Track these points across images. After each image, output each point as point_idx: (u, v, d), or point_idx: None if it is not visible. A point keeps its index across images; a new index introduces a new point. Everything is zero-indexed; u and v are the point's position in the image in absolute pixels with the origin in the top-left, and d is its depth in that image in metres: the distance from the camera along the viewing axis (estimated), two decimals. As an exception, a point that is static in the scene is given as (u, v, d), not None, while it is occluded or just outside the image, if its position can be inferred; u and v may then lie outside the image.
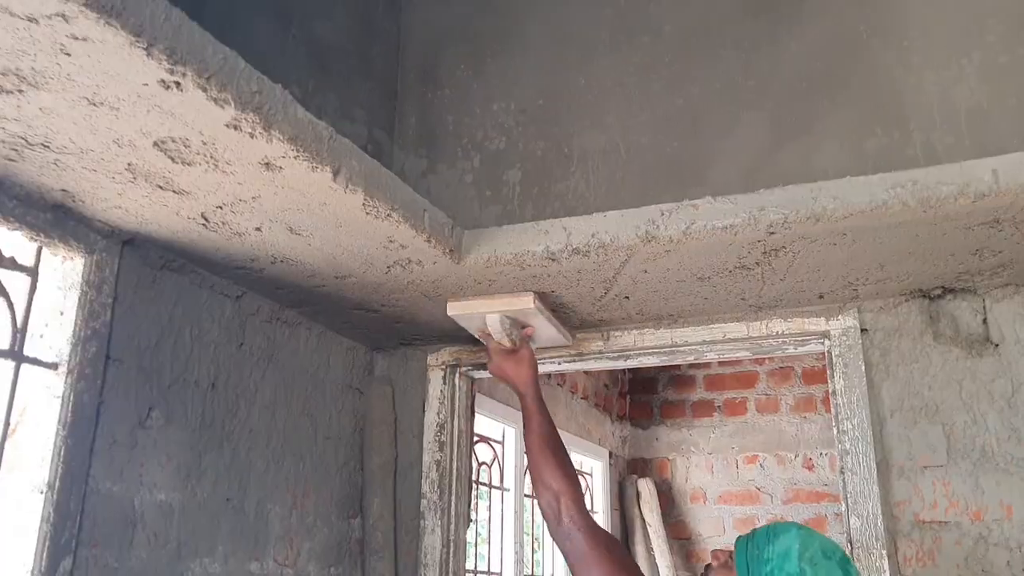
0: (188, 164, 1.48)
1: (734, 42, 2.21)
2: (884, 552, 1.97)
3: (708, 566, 1.69)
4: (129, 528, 1.72)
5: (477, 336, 2.25)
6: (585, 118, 2.32)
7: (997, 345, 2.04)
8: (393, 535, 2.44)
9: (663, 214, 1.84)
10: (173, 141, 1.41)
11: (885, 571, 1.96)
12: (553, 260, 1.94)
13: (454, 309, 2.16)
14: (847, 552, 1.57)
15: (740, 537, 1.63)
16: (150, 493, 1.78)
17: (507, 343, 2.15)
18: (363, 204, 1.62)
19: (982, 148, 1.88)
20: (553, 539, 1.85)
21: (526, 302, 2.11)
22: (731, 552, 1.64)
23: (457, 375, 2.57)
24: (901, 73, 2.03)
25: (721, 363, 4.88)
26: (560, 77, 2.38)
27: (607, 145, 2.29)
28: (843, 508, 2.07)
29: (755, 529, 1.63)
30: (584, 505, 1.85)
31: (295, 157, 1.46)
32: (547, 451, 1.92)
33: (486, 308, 2.14)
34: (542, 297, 2.16)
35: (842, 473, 2.07)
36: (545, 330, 2.27)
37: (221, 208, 1.66)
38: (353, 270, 1.98)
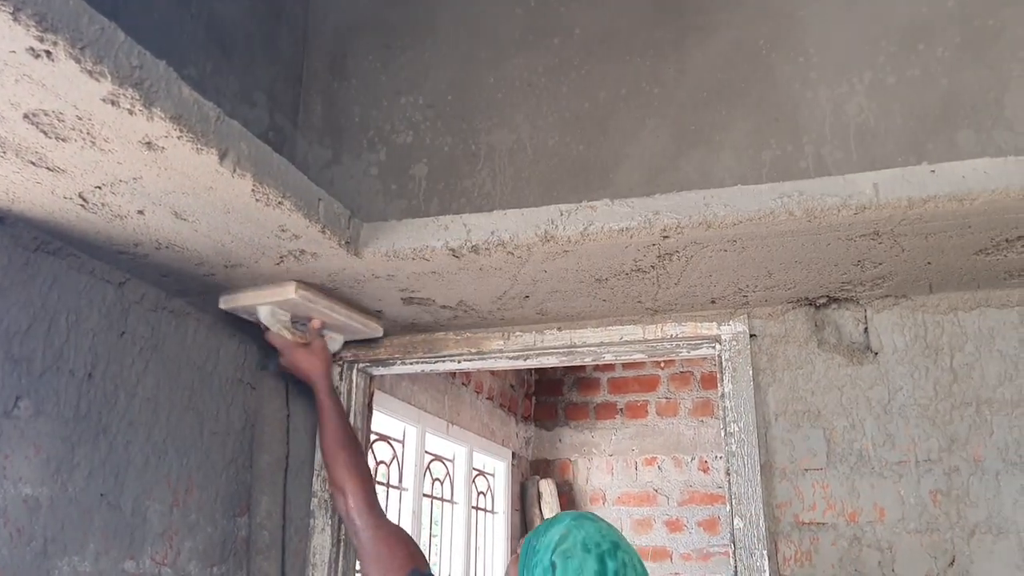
0: (63, 140, 1.40)
1: (642, 49, 2.23)
2: (764, 553, 2.03)
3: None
4: (-12, 524, 1.62)
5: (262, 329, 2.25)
6: (494, 116, 2.31)
7: (876, 353, 2.13)
8: (281, 534, 2.37)
9: (562, 214, 1.84)
10: (46, 114, 1.33)
11: (765, 571, 2.01)
12: (454, 256, 1.92)
13: (226, 303, 2.16)
14: (625, 542, 1.52)
15: (529, 533, 1.63)
16: (14, 487, 1.68)
17: (287, 335, 2.18)
18: (252, 190, 1.57)
19: (869, 163, 1.96)
20: (349, 536, 1.85)
21: (288, 292, 2.09)
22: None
23: (355, 371, 2.53)
24: (798, 87, 2.09)
25: (625, 366, 4.96)
26: (470, 74, 2.36)
27: (515, 144, 2.28)
28: (727, 509, 2.11)
29: (548, 519, 1.61)
30: (375, 502, 1.86)
31: (178, 137, 1.40)
32: (336, 447, 1.92)
33: (255, 300, 2.13)
34: (310, 287, 2.12)
35: (728, 475, 2.12)
36: (339, 321, 2.27)
37: (100, 188, 1.58)
38: (244, 259, 1.92)
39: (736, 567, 2.03)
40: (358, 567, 2.55)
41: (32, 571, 1.71)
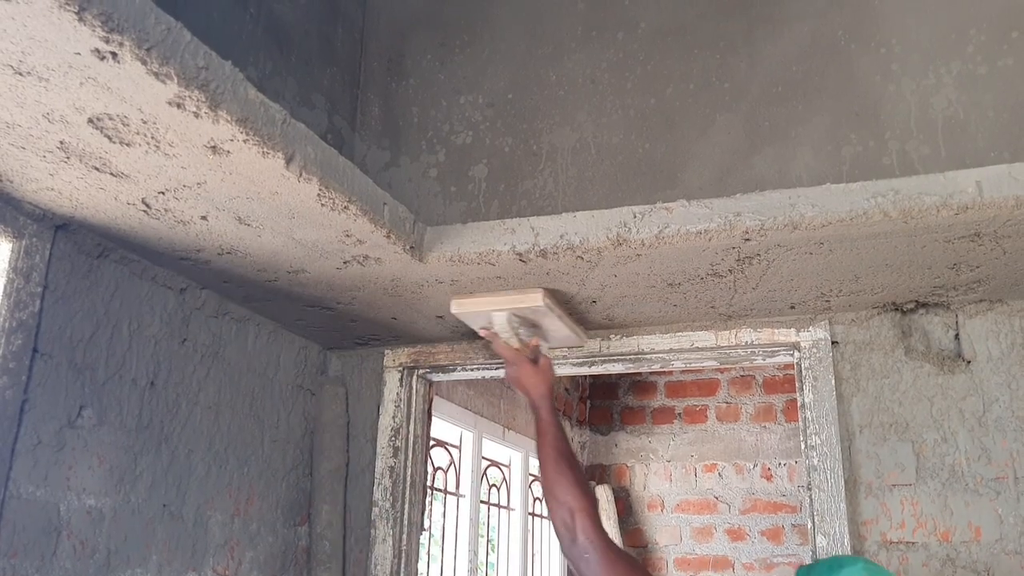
0: (127, 144, 1.36)
1: (710, 42, 2.14)
2: (850, 572, 1.91)
3: None
4: (53, 536, 1.59)
5: (482, 335, 2.13)
6: (555, 115, 2.24)
7: (969, 362, 2.00)
8: (342, 544, 2.33)
9: (635, 216, 1.76)
10: (110, 118, 1.29)
11: (851, 592, 1.89)
12: (521, 260, 1.85)
13: (459, 307, 2.05)
14: None
15: (800, 568, 1.53)
16: (78, 498, 1.65)
17: (515, 343, 2.05)
18: (318, 194, 1.52)
19: (959, 160, 1.84)
20: (567, 557, 1.72)
21: (535, 299, 1.99)
22: None
23: (414, 377, 2.47)
24: (879, 80, 1.98)
25: (683, 370, 4.84)
26: (530, 71, 2.29)
27: (577, 143, 2.20)
28: (809, 525, 2.01)
29: (816, 560, 1.53)
30: (600, 522, 1.72)
31: (244, 141, 1.35)
32: (562, 465, 1.77)
33: (493, 306, 2.02)
34: (552, 294, 2.04)
35: (809, 489, 2.01)
36: (557, 330, 2.17)
37: (163, 194, 1.54)
38: (306, 264, 1.87)
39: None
40: (422, 571, 2.50)
41: (96, 584, 1.68)
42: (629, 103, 2.18)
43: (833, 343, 2.10)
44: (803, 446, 2.04)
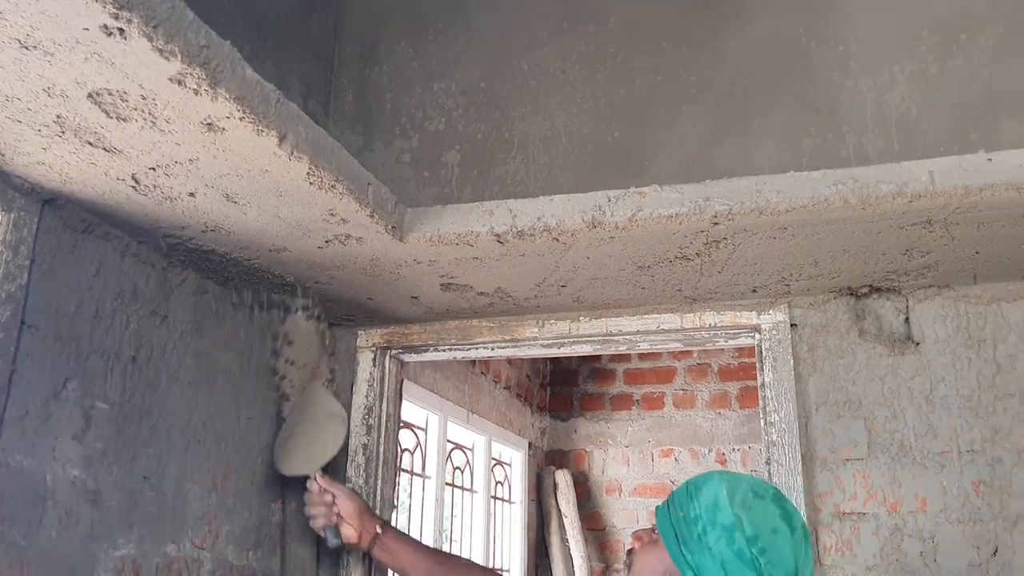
0: (123, 120, 1.40)
1: (678, 36, 2.22)
2: (805, 541, 2.02)
3: (630, 551, 1.58)
4: (39, 504, 1.62)
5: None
6: (527, 103, 2.30)
7: (918, 344, 2.12)
8: (316, 519, 2.37)
9: (610, 200, 1.84)
10: (110, 94, 1.32)
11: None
12: (499, 242, 1.91)
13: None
14: (778, 488, 1.51)
15: (658, 506, 1.53)
16: (63, 468, 1.68)
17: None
18: (308, 173, 1.57)
19: (911, 153, 1.95)
20: None
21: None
22: (652, 527, 1.54)
23: (387, 357, 2.52)
24: (837, 77, 2.08)
25: (641, 358, 4.96)
26: (503, 60, 2.35)
27: (549, 132, 2.27)
28: (767, 498, 2.11)
29: (672, 493, 1.52)
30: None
31: (240, 119, 1.39)
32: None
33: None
34: None
35: (768, 464, 2.12)
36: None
37: (154, 170, 1.57)
38: (289, 243, 1.91)
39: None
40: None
41: (79, 553, 1.70)
42: (599, 94, 2.25)
43: (792, 326, 2.21)
44: (762, 423, 2.15)
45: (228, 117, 1.39)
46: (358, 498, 2.02)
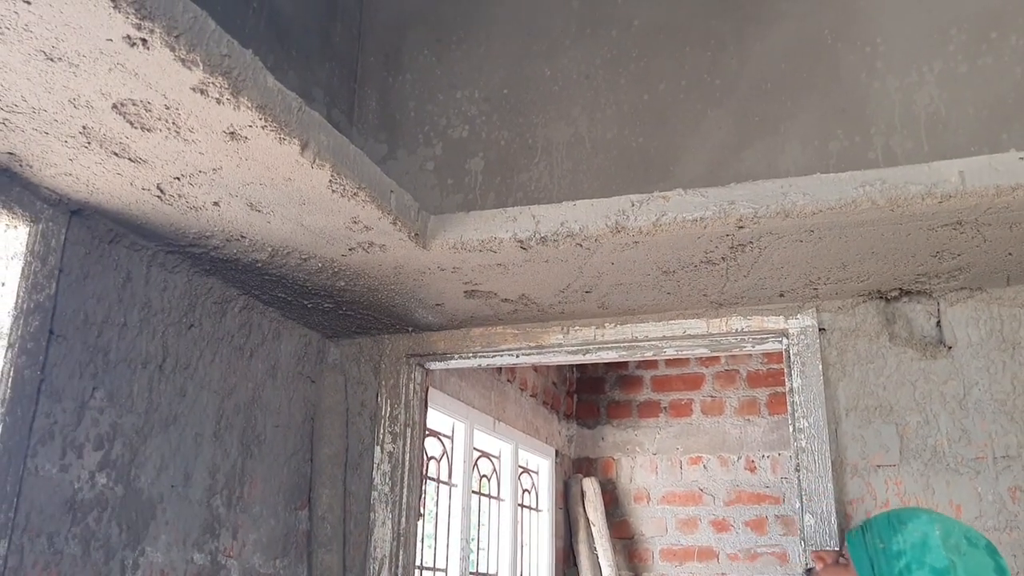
0: (148, 130, 1.41)
1: (701, 39, 2.21)
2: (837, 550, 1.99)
3: (810, 570, 1.53)
4: (68, 513, 1.63)
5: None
6: (550, 109, 2.30)
7: (950, 348, 2.08)
8: (342, 527, 2.38)
9: (633, 205, 1.82)
10: (134, 104, 1.33)
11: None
12: (522, 248, 1.91)
13: None
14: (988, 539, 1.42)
15: (851, 531, 1.47)
16: (91, 477, 1.69)
17: None
18: (330, 181, 1.57)
19: (940, 154, 1.92)
20: None
21: None
22: (838, 551, 1.48)
23: (412, 365, 2.52)
24: (864, 78, 2.05)
25: (668, 364, 4.92)
26: (526, 67, 2.35)
27: (572, 137, 2.26)
28: (797, 506, 2.08)
29: (868, 520, 1.46)
30: None
31: (263, 127, 1.40)
32: None
33: None
34: None
35: (797, 471, 2.08)
36: None
37: (179, 179, 1.58)
38: (313, 251, 1.92)
39: (808, 564, 2.00)
40: (418, 561, 2.55)
41: (107, 561, 1.72)
42: (623, 98, 2.24)
43: (820, 330, 2.17)
44: (791, 429, 2.12)
45: (250, 126, 1.40)
46: None
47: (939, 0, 2.04)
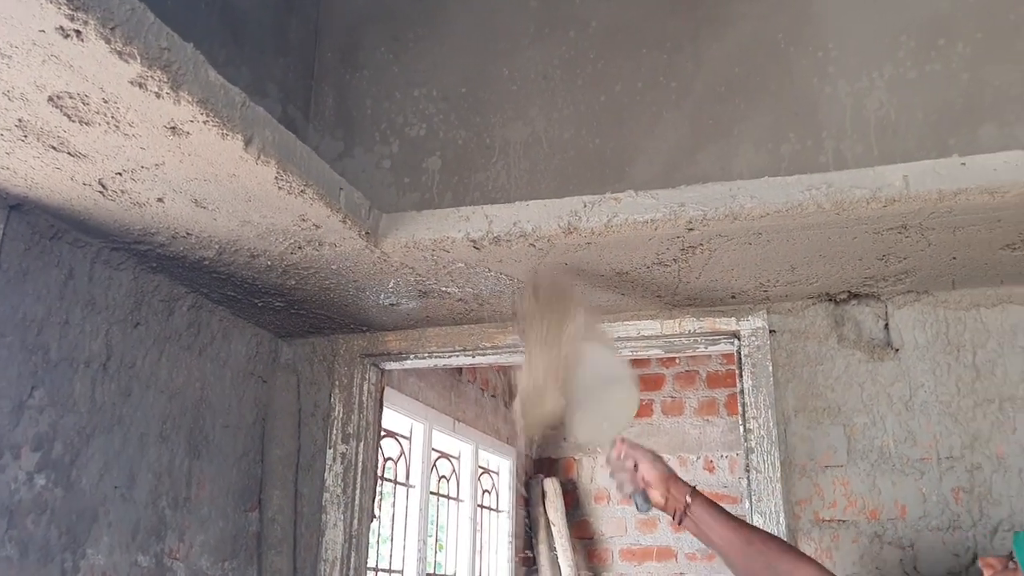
0: (86, 124, 1.38)
1: (658, 41, 2.21)
2: (785, 549, 2.01)
3: None
4: (4, 516, 1.59)
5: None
6: (508, 109, 2.29)
7: (897, 350, 2.11)
8: (293, 529, 2.35)
9: (586, 205, 1.82)
10: (71, 97, 1.31)
11: (785, 567, 1.99)
12: (475, 247, 1.90)
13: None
14: None
15: (1019, 532, 1.45)
16: (30, 479, 1.65)
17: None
18: (276, 177, 1.55)
19: (889, 158, 1.94)
20: None
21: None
22: (1009, 555, 1.46)
23: (366, 366, 2.50)
24: (817, 82, 2.07)
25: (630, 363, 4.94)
26: (484, 66, 2.34)
27: (530, 137, 2.26)
28: (747, 506, 2.10)
29: None
30: (780, 544, 1.56)
31: (204, 122, 1.38)
32: (752, 553, 1.52)
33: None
34: None
35: (747, 471, 2.10)
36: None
37: (121, 175, 1.55)
38: (261, 249, 1.89)
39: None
40: (370, 563, 2.53)
41: (44, 564, 1.68)
42: (580, 99, 2.24)
43: (771, 331, 2.19)
44: (741, 430, 2.13)
45: (192, 121, 1.37)
46: (662, 463, 1.72)
47: (890, 7, 2.06)
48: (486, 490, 4.37)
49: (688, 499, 1.63)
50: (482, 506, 4.27)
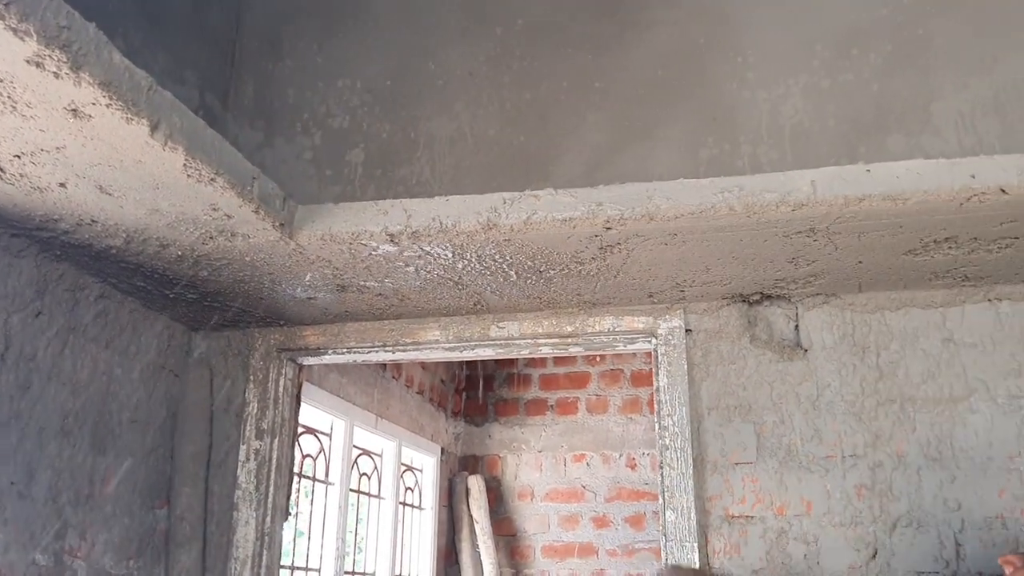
0: (-21, 103, 1.32)
1: (584, 42, 2.23)
2: (695, 545, 2.05)
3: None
4: None
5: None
6: (433, 104, 2.28)
7: (806, 350, 2.17)
8: (203, 527, 2.29)
9: (505, 202, 1.83)
10: (-39, 74, 1.24)
11: (695, 563, 2.03)
12: (393, 242, 1.88)
13: None
14: None
15: None
16: (-85, 474, 1.58)
17: None
18: (184, 165, 1.51)
19: (803, 163, 1.99)
20: None
21: None
22: None
23: (283, 360, 2.46)
24: (735, 87, 2.11)
25: (556, 362, 4.97)
26: (410, 60, 2.32)
27: (455, 133, 2.25)
28: (660, 502, 2.13)
29: None
30: None
31: (108, 105, 1.33)
32: None
33: None
34: None
35: (661, 468, 2.13)
36: None
37: (19, 157, 1.49)
38: (172, 238, 1.84)
39: (667, 560, 2.05)
40: (287, 561, 2.49)
41: (-68, 564, 1.60)
42: (506, 96, 2.24)
43: (687, 331, 2.23)
44: (657, 427, 2.17)
45: (94, 103, 1.32)
46: None
47: (806, 16, 2.12)
48: (409, 487, 4.34)
49: None
50: (405, 503, 4.24)
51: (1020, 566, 1.51)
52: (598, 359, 4.90)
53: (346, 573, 3.46)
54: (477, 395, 5.07)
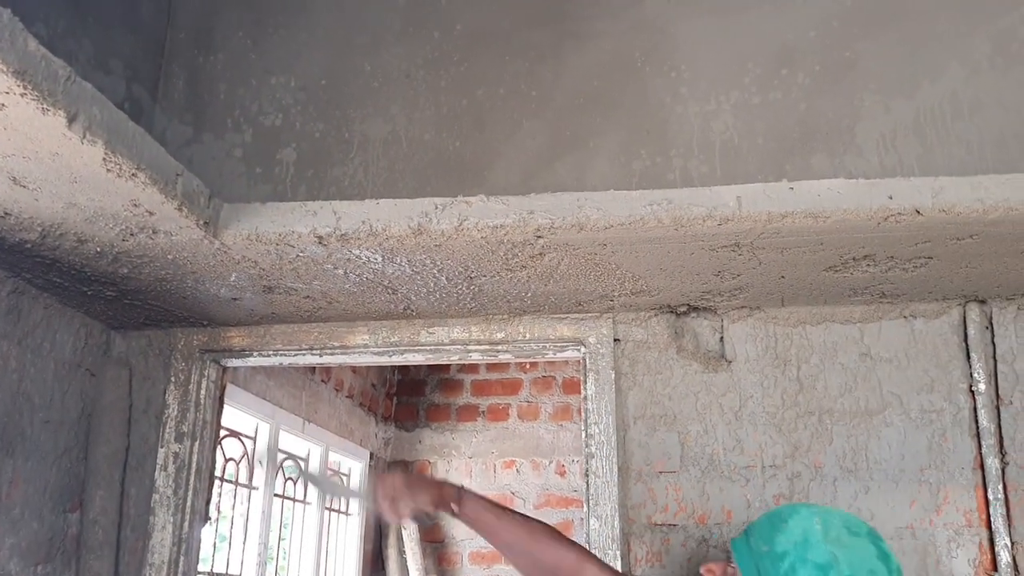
0: None
1: (521, 50, 2.24)
2: (618, 552, 2.07)
3: None
4: None
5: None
6: (369, 105, 2.25)
7: (731, 362, 2.21)
8: (116, 531, 2.22)
9: (437, 207, 1.82)
10: None
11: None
12: (321, 244, 1.85)
13: None
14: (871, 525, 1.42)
15: (736, 539, 1.46)
16: None
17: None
18: (104, 159, 1.46)
19: (732, 179, 2.03)
20: None
21: None
22: (726, 561, 1.46)
23: (206, 362, 2.40)
24: (669, 101, 2.15)
25: (489, 368, 4.97)
26: (346, 59, 2.29)
27: (390, 135, 2.23)
28: (585, 510, 2.14)
29: (750, 524, 1.45)
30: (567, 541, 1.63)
31: (22, 95, 1.28)
32: (528, 541, 1.62)
33: None
34: None
35: (587, 476, 2.15)
36: None
37: (-75, 144, 1.42)
38: (90, 234, 1.78)
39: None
40: (200, 567, 2.42)
41: None
42: (442, 101, 2.23)
43: (615, 340, 2.25)
44: (583, 435, 2.18)
45: (7, 92, 1.27)
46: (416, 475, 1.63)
47: (741, 34, 2.16)
48: (336, 492, 4.28)
49: (454, 508, 1.70)
50: (331, 509, 4.18)
51: (719, 574, 1.50)
52: (529, 366, 4.92)
53: (268, 579, 3.39)
54: (408, 400, 5.03)
